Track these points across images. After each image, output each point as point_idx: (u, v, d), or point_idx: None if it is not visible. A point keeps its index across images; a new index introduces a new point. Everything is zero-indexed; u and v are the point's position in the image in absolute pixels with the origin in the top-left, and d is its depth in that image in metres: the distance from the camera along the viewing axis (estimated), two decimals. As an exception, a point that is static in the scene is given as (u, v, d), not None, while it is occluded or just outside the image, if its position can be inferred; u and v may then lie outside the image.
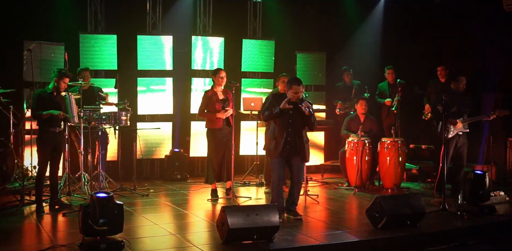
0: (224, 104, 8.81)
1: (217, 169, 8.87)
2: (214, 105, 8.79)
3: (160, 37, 11.04)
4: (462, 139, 8.99)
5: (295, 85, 7.28)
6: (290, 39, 11.94)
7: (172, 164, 10.91)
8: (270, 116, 7.39)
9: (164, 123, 11.10)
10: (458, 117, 8.92)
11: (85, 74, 9.58)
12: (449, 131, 8.87)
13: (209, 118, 8.86)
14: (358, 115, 10.14)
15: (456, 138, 8.93)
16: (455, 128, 8.90)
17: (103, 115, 9.08)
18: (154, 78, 11.03)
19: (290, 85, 7.32)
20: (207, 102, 8.86)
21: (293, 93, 7.27)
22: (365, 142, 9.80)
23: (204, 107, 8.88)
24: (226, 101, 8.83)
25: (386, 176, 9.87)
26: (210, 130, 8.90)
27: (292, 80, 7.37)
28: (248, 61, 11.71)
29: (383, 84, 11.09)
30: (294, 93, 7.26)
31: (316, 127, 7.51)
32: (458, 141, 8.96)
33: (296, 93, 7.26)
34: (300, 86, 7.30)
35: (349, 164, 9.93)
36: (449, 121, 8.82)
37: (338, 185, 10.29)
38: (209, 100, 8.82)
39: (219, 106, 8.77)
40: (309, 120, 7.33)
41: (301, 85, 7.30)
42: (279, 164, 7.44)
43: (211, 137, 8.90)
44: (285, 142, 7.34)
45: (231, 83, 8.72)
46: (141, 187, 9.79)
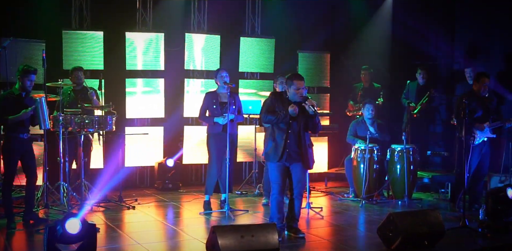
0: (224, 108, 8.03)
1: (215, 178, 8.12)
2: (213, 108, 8.12)
3: (150, 34, 10.28)
4: (487, 146, 8.30)
5: (296, 80, 6.49)
6: (291, 37, 11.21)
7: (164, 172, 10.07)
8: (276, 121, 6.54)
9: (154, 128, 10.35)
10: (484, 121, 8.21)
11: (77, 74, 8.85)
12: (475, 137, 8.16)
13: (208, 123, 8.19)
14: (365, 121, 9.35)
15: (481, 145, 8.22)
16: (481, 133, 8.09)
17: (86, 119, 8.33)
18: (144, 79, 10.29)
19: (290, 81, 6.53)
20: (206, 104, 8.17)
21: (294, 90, 6.47)
22: (374, 149, 9.01)
23: (204, 109, 8.21)
24: (226, 104, 8.02)
25: (396, 186, 9.08)
26: (211, 135, 8.17)
27: (292, 76, 6.58)
28: (246, 61, 10.96)
29: (412, 84, 10.33)
30: (296, 89, 6.45)
31: (320, 129, 6.72)
32: (482, 148, 8.26)
33: (297, 89, 6.45)
34: (302, 81, 6.53)
35: (356, 173, 9.13)
36: (476, 126, 8.07)
37: (344, 196, 9.48)
38: (209, 102, 8.14)
39: (219, 109, 8.07)
40: (313, 121, 6.50)
41: (303, 80, 6.54)
42: (279, 170, 6.61)
43: (212, 143, 8.14)
44: (285, 145, 6.52)
45: (226, 84, 7.98)
46: (128, 198, 8.96)
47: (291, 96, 6.56)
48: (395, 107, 10.81)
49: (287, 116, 6.45)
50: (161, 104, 10.31)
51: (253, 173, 10.21)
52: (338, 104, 11.27)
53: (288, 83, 6.55)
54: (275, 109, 6.54)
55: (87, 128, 8.36)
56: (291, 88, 6.52)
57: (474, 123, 8.03)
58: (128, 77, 10.15)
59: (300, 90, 6.48)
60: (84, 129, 8.35)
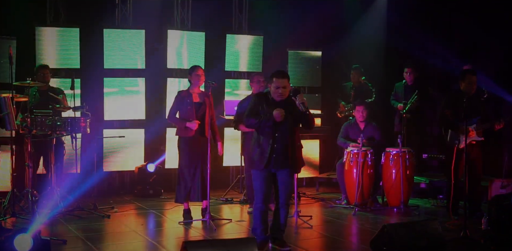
0: (199, 109, 7.48)
1: (188, 185, 7.49)
2: (185, 109, 7.50)
3: (130, 31, 9.71)
4: (476, 149, 7.65)
5: (276, 78, 5.94)
6: (281, 35, 10.60)
7: (144, 177, 9.47)
8: (258, 125, 5.97)
9: (135, 130, 9.80)
10: (470, 124, 7.46)
11: (43, 73, 8.27)
12: (460, 140, 7.49)
13: (178, 126, 7.58)
14: (357, 122, 8.79)
15: (469, 149, 7.47)
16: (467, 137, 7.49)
17: (57, 121, 7.80)
18: (123, 79, 9.73)
19: (271, 78, 5.98)
20: (178, 104, 7.56)
21: (273, 88, 5.93)
22: (367, 153, 8.45)
23: (175, 110, 7.60)
24: (202, 106, 7.46)
25: (391, 192, 8.48)
26: (181, 138, 7.57)
27: (274, 72, 6.03)
28: (233, 60, 10.41)
29: (400, 84, 9.77)
30: (275, 88, 5.91)
31: (314, 124, 6.11)
32: (471, 151, 7.50)
33: (276, 88, 5.91)
34: (284, 80, 5.95)
35: (348, 178, 8.56)
36: (461, 129, 7.41)
37: (336, 203, 8.90)
38: (181, 102, 7.52)
39: (191, 111, 7.46)
40: (305, 117, 5.93)
41: (285, 78, 5.96)
42: (264, 178, 6.01)
43: (182, 147, 7.55)
44: (272, 149, 5.92)
45: (207, 82, 7.41)
46: (105, 205, 8.36)
47: (272, 95, 5.98)
48: (389, 108, 10.25)
49: (270, 119, 5.87)
50: (141, 105, 9.79)
51: (239, 178, 9.61)
52: (330, 105, 10.74)
53: (270, 81, 5.97)
54: (259, 112, 5.96)
55: (59, 130, 7.84)
56: (271, 86, 5.95)
57: (459, 126, 7.41)
58: (106, 77, 9.61)
59: (279, 89, 5.89)
60: (56, 132, 7.82)
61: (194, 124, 7.36)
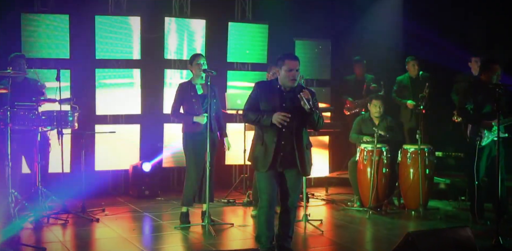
0: (203, 101, 6.80)
1: (195, 186, 6.79)
2: (189, 102, 6.82)
3: (124, 18, 9.05)
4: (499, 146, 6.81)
5: (289, 60, 5.19)
6: (287, 23, 9.96)
7: (139, 177, 8.75)
8: (255, 122, 5.26)
9: (130, 126, 9.13)
10: (493, 118, 6.72)
11: (19, 63, 7.54)
12: (482, 137, 6.85)
13: (183, 121, 6.92)
14: (371, 117, 8.12)
15: (491, 146, 6.86)
16: (489, 133, 6.75)
17: (42, 115, 7.12)
18: (117, 70, 9.06)
19: (282, 61, 5.22)
20: (181, 97, 6.88)
21: (285, 71, 5.15)
22: (382, 150, 7.74)
23: (178, 104, 6.91)
24: (207, 98, 6.77)
25: (409, 194, 7.80)
26: (188, 135, 6.87)
27: (284, 55, 5.28)
28: (236, 50, 9.77)
29: (403, 78, 9.17)
30: (288, 71, 5.12)
31: (322, 125, 5.32)
32: (493, 149, 6.85)
33: (290, 71, 5.14)
34: (296, 62, 5.22)
35: (362, 178, 7.85)
36: (483, 123, 6.81)
37: (348, 205, 8.17)
38: (184, 94, 6.85)
39: (197, 104, 6.80)
40: (310, 117, 5.16)
41: (297, 61, 5.23)
42: (269, 180, 5.26)
43: (189, 144, 6.84)
44: (277, 148, 5.18)
45: (206, 71, 6.69)
46: (96, 208, 7.66)
47: (282, 82, 5.22)
48: None
49: (266, 120, 5.14)
50: (137, 98, 9.10)
51: (242, 177, 8.88)
52: (340, 98, 10.05)
53: (279, 64, 5.22)
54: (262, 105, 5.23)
55: (44, 125, 7.17)
56: (282, 70, 5.19)
57: (481, 120, 6.77)
58: (98, 67, 8.96)
59: (292, 71, 5.14)
60: (41, 127, 7.16)
61: (203, 118, 6.68)
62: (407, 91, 9.05)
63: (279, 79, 5.25)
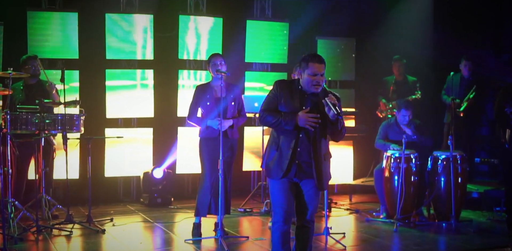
0: (220, 104, 6.30)
1: (210, 195, 6.35)
2: (205, 105, 6.41)
3: (136, 16, 8.68)
4: None
5: (313, 63, 4.62)
6: (309, 21, 9.52)
7: (151, 184, 8.32)
8: (275, 125, 4.71)
9: (142, 130, 8.74)
10: None
11: (32, 64, 7.31)
12: None
13: (198, 125, 6.48)
14: (398, 123, 7.61)
15: None
16: None
17: (46, 118, 6.72)
18: (128, 71, 8.70)
19: (305, 63, 4.65)
20: (198, 100, 6.45)
21: (309, 76, 4.61)
22: (411, 157, 7.19)
23: (195, 107, 6.48)
24: (225, 101, 6.31)
25: (440, 204, 7.30)
26: (203, 140, 6.44)
27: (308, 56, 4.70)
28: (254, 49, 9.35)
29: (455, 77, 8.66)
30: (312, 75, 4.59)
31: (344, 136, 4.79)
32: None
33: (314, 76, 4.59)
34: (322, 65, 4.64)
35: (389, 187, 7.31)
36: None
37: (373, 215, 7.64)
38: (201, 97, 6.43)
39: (212, 107, 6.37)
40: (334, 126, 4.62)
41: (323, 64, 4.66)
42: (284, 191, 4.72)
43: (205, 150, 6.41)
44: (293, 155, 4.64)
45: (218, 72, 6.26)
46: (104, 217, 7.25)
47: (304, 86, 4.69)
48: (434, 105, 9.19)
49: (292, 122, 4.61)
50: (149, 100, 8.73)
51: (260, 185, 8.37)
52: (365, 101, 9.67)
53: (303, 66, 4.68)
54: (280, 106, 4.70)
55: (49, 129, 6.76)
56: (305, 73, 4.65)
57: None
58: (108, 68, 8.62)
59: (317, 76, 4.61)
60: (45, 131, 6.74)
61: (216, 122, 6.23)
62: (455, 91, 8.61)
63: (301, 82, 4.72)
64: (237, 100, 6.46)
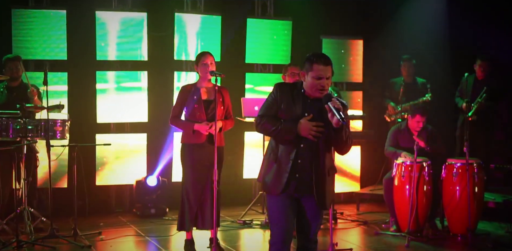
0: (209, 108, 5.92)
1: (194, 207, 5.88)
2: (192, 108, 5.95)
3: (129, 14, 8.27)
4: None
5: (318, 64, 4.06)
6: (313, 19, 9.18)
7: (144, 193, 7.86)
8: (274, 133, 4.16)
9: (135, 135, 8.31)
10: None
11: (12, 66, 6.93)
12: None
13: (183, 130, 6.05)
14: (409, 128, 7.15)
15: None
16: None
17: (28, 124, 6.35)
18: (121, 72, 8.29)
19: (309, 65, 4.10)
20: (183, 102, 6.02)
21: (313, 79, 4.07)
22: (423, 165, 6.74)
23: (179, 109, 6.07)
24: (212, 104, 5.88)
25: (454, 216, 6.79)
26: (186, 146, 5.99)
27: (312, 56, 4.14)
28: (255, 49, 8.94)
29: (469, 78, 8.26)
30: (316, 78, 4.06)
31: (349, 147, 4.21)
32: None
33: (318, 79, 4.05)
34: (328, 67, 4.07)
35: (399, 197, 6.82)
36: None
37: (382, 228, 7.14)
38: (186, 98, 6.00)
39: (200, 110, 5.91)
40: (338, 135, 4.07)
41: (329, 66, 4.09)
42: (283, 208, 4.18)
43: (188, 158, 5.97)
44: (293, 168, 4.11)
45: (213, 73, 5.81)
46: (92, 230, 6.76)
47: (308, 90, 4.15)
48: (445, 109, 8.80)
49: (291, 132, 4.07)
50: (143, 104, 8.31)
51: (262, 194, 7.86)
52: (373, 104, 9.24)
53: (306, 67, 4.13)
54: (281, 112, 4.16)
55: (31, 136, 6.41)
56: (309, 76, 4.11)
57: None
58: (99, 70, 8.20)
59: (322, 80, 4.08)
60: (27, 138, 6.38)
61: (205, 127, 5.80)
62: (466, 93, 8.22)
63: (304, 85, 4.18)
64: (226, 103, 6.04)
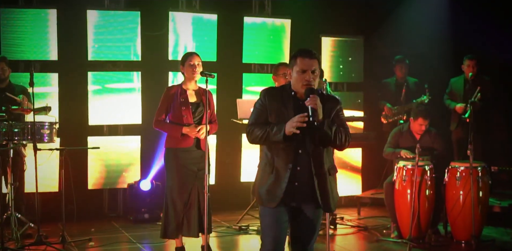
0: (196, 111, 5.73)
1: (180, 214, 5.67)
2: (178, 111, 5.73)
3: (122, 13, 8.04)
4: None
5: (302, 57, 3.83)
6: (313, 18, 8.94)
7: (137, 197, 7.63)
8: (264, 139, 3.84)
9: (129, 138, 8.10)
10: None
11: None
12: None
13: (169, 134, 5.80)
14: (411, 131, 6.92)
15: None
16: None
17: (14, 127, 6.15)
18: (113, 73, 8.06)
19: (294, 59, 3.87)
20: (168, 105, 5.82)
21: (297, 73, 3.82)
22: (425, 168, 6.48)
23: (163, 112, 5.86)
24: (200, 107, 5.71)
25: (458, 221, 6.53)
26: (172, 150, 5.75)
27: (297, 52, 3.90)
28: (252, 49, 8.69)
29: (458, 79, 8.07)
30: (300, 72, 3.81)
31: (348, 143, 3.91)
32: None
33: (303, 72, 3.80)
34: (313, 60, 3.81)
35: (400, 202, 6.58)
36: None
37: (383, 233, 6.88)
38: (171, 101, 5.79)
39: (187, 113, 5.70)
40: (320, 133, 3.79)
41: (314, 59, 3.82)
42: (276, 217, 3.90)
43: (173, 163, 5.72)
44: (292, 176, 3.82)
45: (204, 74, 5.49)
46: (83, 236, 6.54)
47: (295, 86, 3.90)
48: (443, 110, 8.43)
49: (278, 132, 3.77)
50: (137, 106, 8.07)
51: (259, 198, 7.61)
52: (374, 105, 8.93)
53: (291, 63, 3.88)
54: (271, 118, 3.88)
55: (18, 139, 6.19)
56: (294, 71, 3.86)
57: None
58: (91, 70, 7.97)
59: (306, 73, 3.81)
60: (13, 141, 6.16)
61: (194, 130, 5.61)
62: (459, 95, 7.99)
63: (292, 85, 3.92)
64: (211, 106, 5.83)
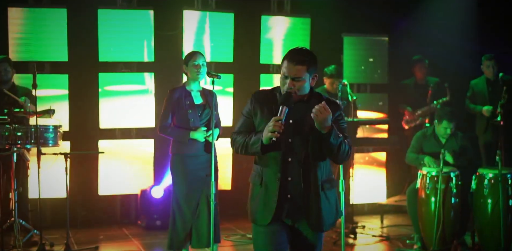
0: (202, 113, 5.48)
1: (188, 223, 5.41)
2: (184, 114, 5.47)
3: (135, 12, 7.89)
4: None
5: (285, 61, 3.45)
6: (334, 16, 8.59)
7: (149, 204, 7.38)
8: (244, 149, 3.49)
9: (142, 141, 7.89)
10: None
11: (2, 68, 6.56)
12: None
13: (176, 139, 5.53)
14: (436, 134, 6.56)
15: None
16: None
17: (17, 130, 5.96)
18: (125, 74, 7.88)
19: (282, 61, 3.50)
20: (172, 108, 5.54)
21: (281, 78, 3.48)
22: (451, 176, 6.11)
23: (169, 116, 5.58)
24: (206, 109, 5.49)
25: (486, 232, 6.19)
26: (179, 156, 5.49)
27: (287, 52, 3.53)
28: (271, 49, 8.46)
29: (479, 81, 7.70)
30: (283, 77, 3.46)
31: (348, 157, 3.53)
32: None
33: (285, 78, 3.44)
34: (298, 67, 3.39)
35: (424, 211, 6.22)
36: None
37: (406, 244, 6.54)
38: (176, 104, 5.50)
39: (194, 116, 5.47)
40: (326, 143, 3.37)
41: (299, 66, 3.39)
42: (271, 236, 3.51)
43: (180, 170, 5.47)
44: (283, 187, 3.45)
45: (210, 75, 5.23)
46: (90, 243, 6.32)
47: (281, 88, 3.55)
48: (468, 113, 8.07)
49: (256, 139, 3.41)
50: (150, 108, 7.88)
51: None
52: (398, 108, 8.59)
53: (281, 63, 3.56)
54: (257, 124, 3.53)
55: (21, 143, 6.00)
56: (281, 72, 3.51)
57: None
58: (102, 71, 7.79)
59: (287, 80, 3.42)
60: (17, 145, 5.98)
61: (202, 134, 5.39)
62: (482, 97, 7.60)
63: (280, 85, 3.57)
64: (216, 108, 5.57)
